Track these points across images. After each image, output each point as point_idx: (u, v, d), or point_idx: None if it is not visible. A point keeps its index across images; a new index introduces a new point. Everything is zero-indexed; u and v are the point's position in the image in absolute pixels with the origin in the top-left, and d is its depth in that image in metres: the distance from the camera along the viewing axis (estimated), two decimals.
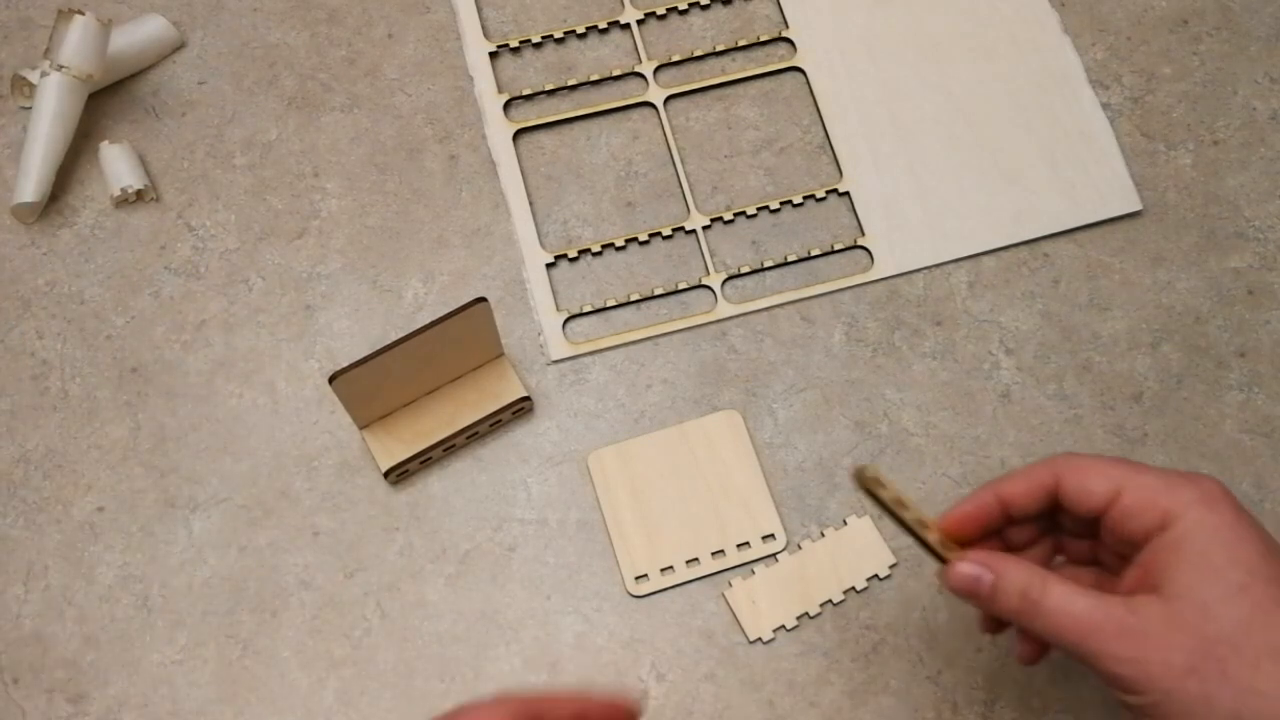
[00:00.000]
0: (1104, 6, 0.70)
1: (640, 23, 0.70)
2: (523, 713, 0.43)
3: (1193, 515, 0.42)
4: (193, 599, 0.58)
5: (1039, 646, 0.48)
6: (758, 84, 0.69)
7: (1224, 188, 0.66)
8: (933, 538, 0.47)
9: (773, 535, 0.59)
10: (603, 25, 0.70)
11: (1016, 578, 0.44)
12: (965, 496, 0.47)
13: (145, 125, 0.67)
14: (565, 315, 0.63)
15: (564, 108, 0.68)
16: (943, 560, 0.47)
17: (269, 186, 0.66)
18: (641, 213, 0.66)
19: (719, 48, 0.69)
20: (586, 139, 0.67)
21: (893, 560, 0.58)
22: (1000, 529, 0.48)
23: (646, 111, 0.68)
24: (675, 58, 0.69)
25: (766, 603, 0.58)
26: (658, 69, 0.69)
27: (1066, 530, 0.48)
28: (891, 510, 0.47)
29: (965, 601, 0.46)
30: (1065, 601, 0.43)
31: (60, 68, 0.63)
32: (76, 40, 0.63)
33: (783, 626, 0.57)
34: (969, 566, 0.45)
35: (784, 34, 0.69)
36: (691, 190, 0.66)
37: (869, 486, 0.46)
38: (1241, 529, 0.42)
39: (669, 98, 0.68)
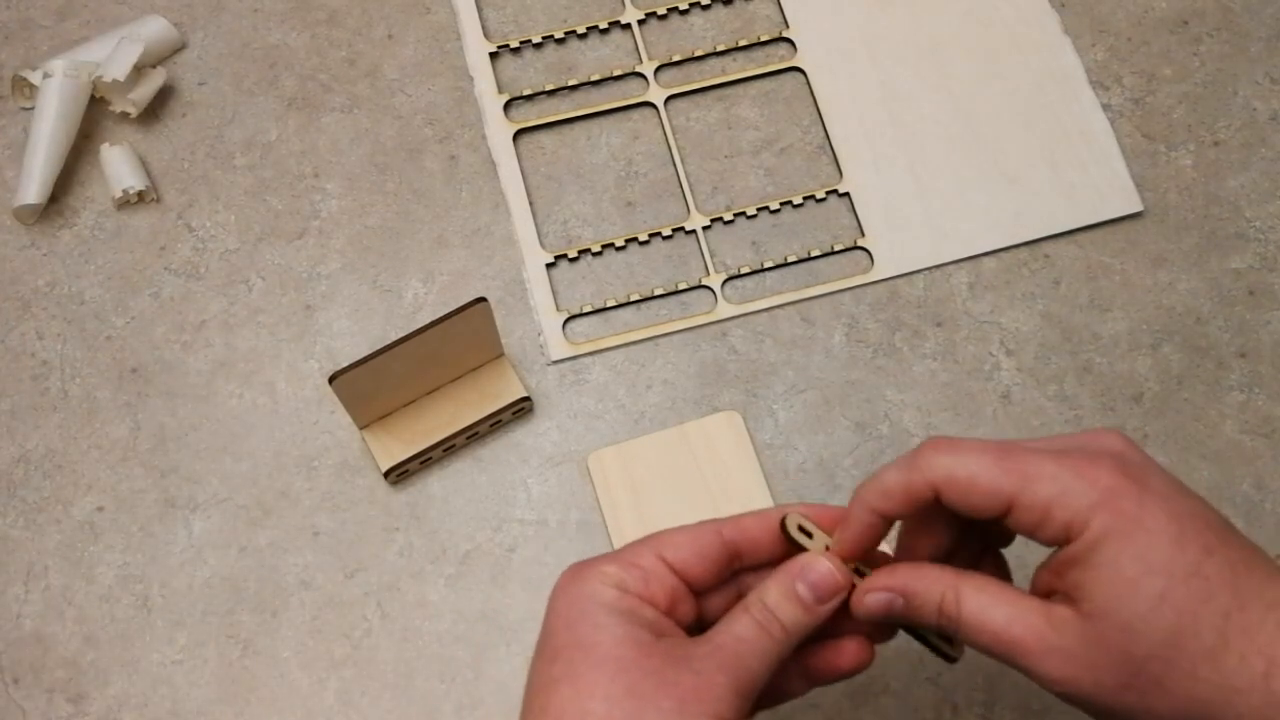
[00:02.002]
0: (1104, 7, 0.70)
1: (641, 23, 0.70)
2: (718, 543, 0.43)
3: (1097, 523, 0.38)
4: (193, 599, 0.58)
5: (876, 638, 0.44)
6: (758, 84, 0.69)
7: (1225, 188, 0.66)
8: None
9: None
10: (603, 25, 0.70)
11: (927, 593, 0.41)
12: (846, 519, 0.43)
13: (146, 126, 0.67)
14: (565, 315, 0.63)
15: (564, 108, 0.68)
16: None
17: (269, 187, 0.66)
18: (641, 213, 0.66)
19: (719, 48, 0.69)
20: (586, 139, 0.67)
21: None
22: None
23: (647, 111, 0.68)
24: (676, 58, 0.69)
25: None
26: (658, 69, 0.69)
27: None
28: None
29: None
30: (982, 613, 0.40)
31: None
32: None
33: None
34: (874, 597, 0.42)
35: (784, 34, 0.70)
36: (691, 190, 0.66)
37: (794, 539, 0.43)
38: (1150, 520, 0.38)
39: (669, 98, 0.68)
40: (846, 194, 0.66)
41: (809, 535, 0.43)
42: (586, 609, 0.41)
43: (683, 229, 0.65)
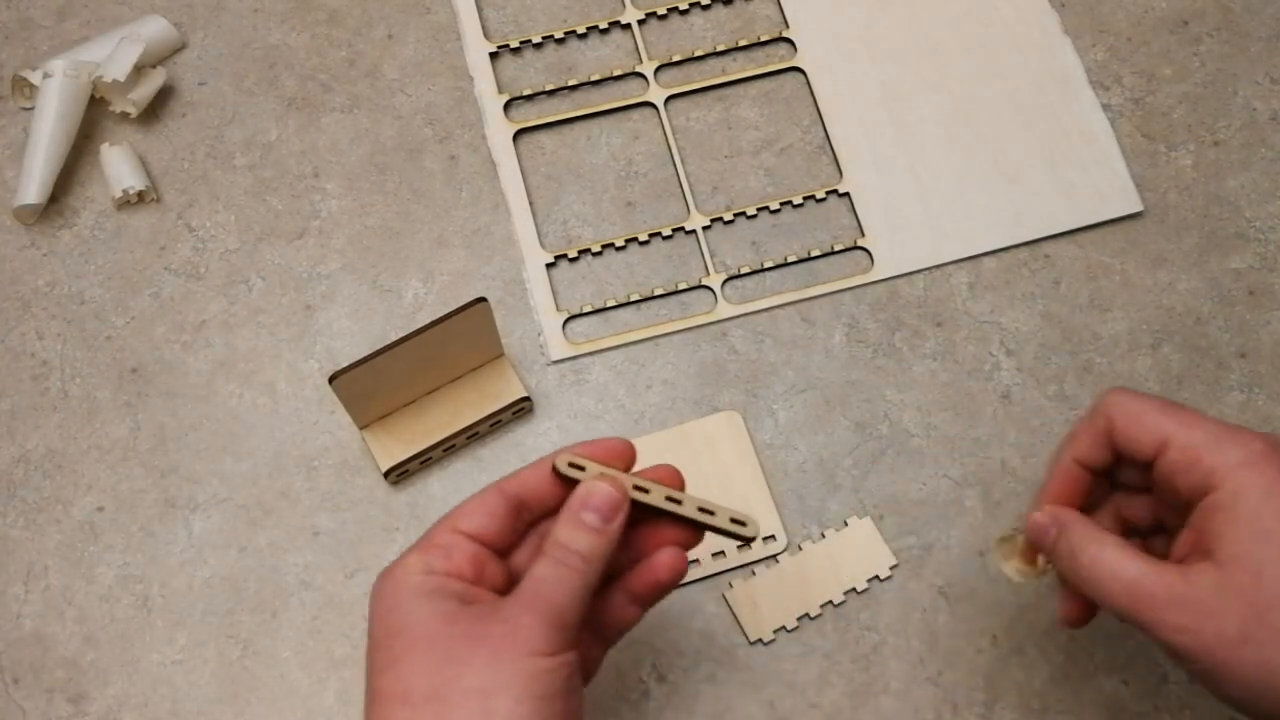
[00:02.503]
0: (1104, 7, 0.70)
1: (641, 23, 0.70)
2: (502, 499, 0.46)
3: (1239, 476, 0.41)
4: (193, 599, 0.58)
5: (1085, 609, 0.47)
6: (758, 84, 0.69)
7: (1225, 188, 0.66)
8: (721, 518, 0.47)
9: (773, 536, 0.59)
10: (603, 25, 0.70)
11: (1076, 535, 0.44)
12: (1049, 472, 0.47)
13: (146, 126, 0.67)
14: (565, 315, 0.63)
15: (564, 108, 0.68)
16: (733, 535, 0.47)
17: (269, 187, 0.66)
18: (641, 213, 0.66)
19: (719, 48, 0.69)
20: (586, 139, 0.67)
21: (893, 561, 0.58)
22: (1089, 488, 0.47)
23: (647, 111, 0.68)
24: (676, 58, 0.69)
25: (767, 604, 0.57)
26: (658, 69, 0.69)
27: (1125, 485, 0.48)
28: (654, 506, 0.47)
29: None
30: (1117, 566, 0.42)
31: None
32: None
33: (783, 628, 0.57)
34: (1040, 516, 0.46)
35: (784, 34, 0.70)
36: (691, 190, 0.66)
37: (568, 477, 0.46)
38: None
39: (669, 98, 0.68)
40: (846, 194, 0.66)
41: (581, 470, 0.46)
42: (395, 599, 0.43)
43: (683, 229, 0.65)
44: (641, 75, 0.69)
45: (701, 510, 0.47)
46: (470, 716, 0.40)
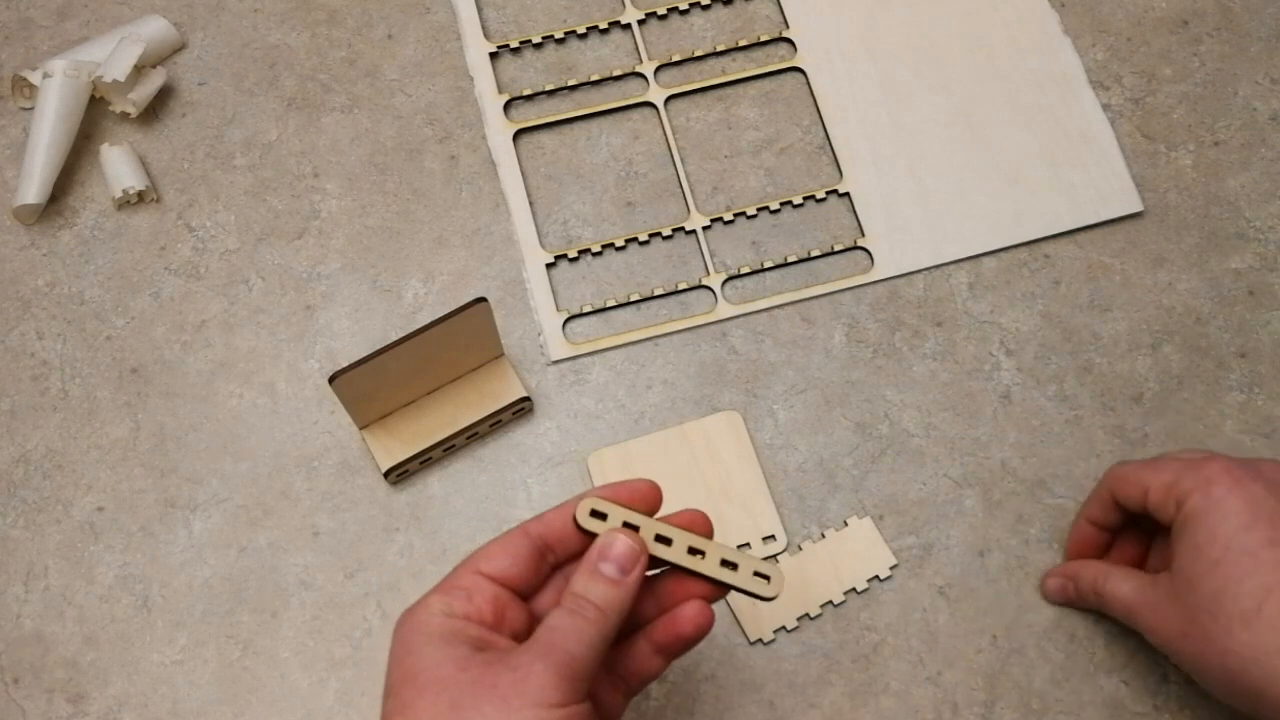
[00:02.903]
0: (1104, 7, 0.70)
1: (641, 23, 0.70)
2: (526, 542, 0.46)
3: (1192, 501, 0.50)
4: (193, 599, 0.58)
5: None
6: (758, 84, 0.69)
7: (1225, 188, 0.66)
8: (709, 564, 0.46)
9: (773, 536, 0.59)
10: (603, 25, 0.70)
11: (1086, 577, 0.55)
12: (1070, 535, 0.58)
13: (146, 126, 0.67)
14: (565, 315, 0.63)
15: (564, 108, 0.68)
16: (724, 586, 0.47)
17: (269, 187, 0.66)
18: (641, 213, 0.66)
19: (719, 48, 0.69)
20: (586, 139, 0.67)
21: (893, 561, 0.58)
22: (1109, 542, 0.57)
23: (647, 111, 0.68)
24: (676, 58, 0.69)
25: (767, 604, 0.57)
26: (658, 69, 0.69)
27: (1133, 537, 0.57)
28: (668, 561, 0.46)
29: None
30: (1117, 588, 0.53)
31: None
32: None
33: (783, 627, 0.57)
34: (1055, 580, 0.57)
35: (784, 34, 0.69)
36: (691, 190, 0.66)
37: (587, 530, 0.46)
38: (1229, 505, 0.49)
39: (669, 98, 0.68)
40: (846, 194, 0.66)
41: (603, 517, 0.46)
42: (412, 642, 0.43)
43: (683, 229, 0.65)
44: (641, 75, 0.69)
45: (724, 564, 0.46)
46: None
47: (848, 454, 0.61)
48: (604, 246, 0.65)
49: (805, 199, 0.66)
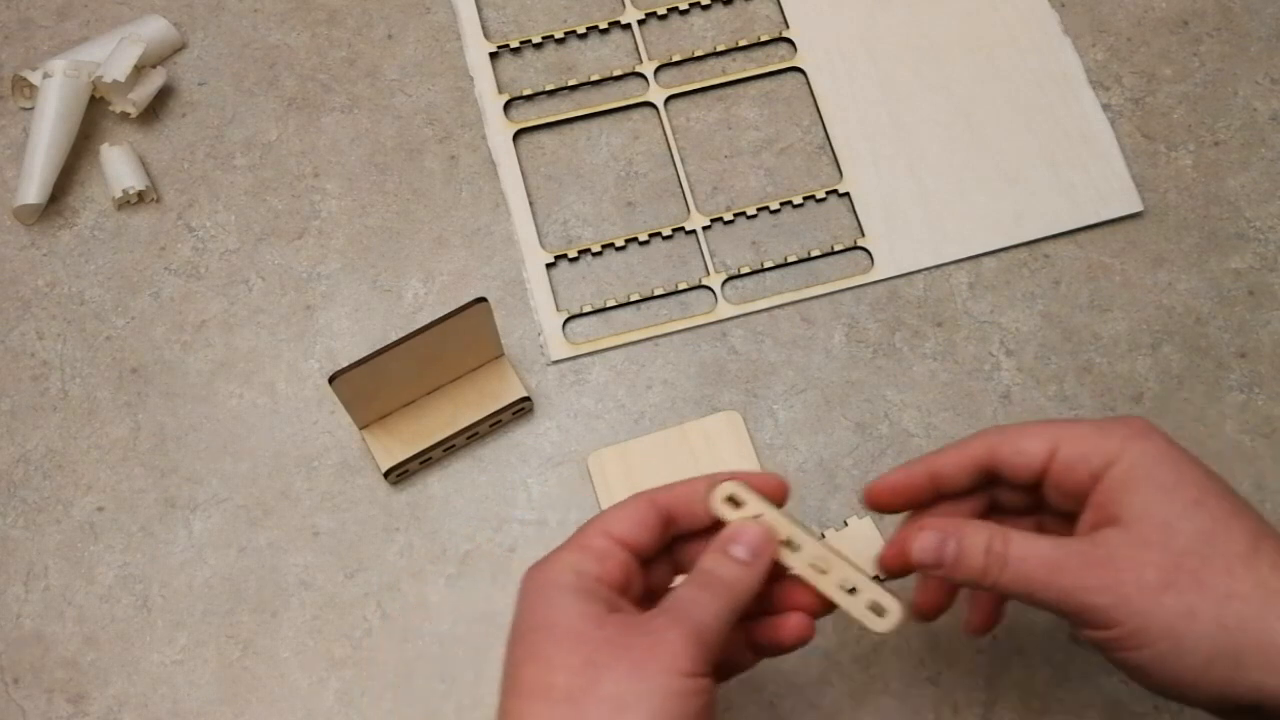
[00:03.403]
0: (1104, 7, 0.70)
1: (641, 23, 0.70)
2: (654, 510, 0.45)
3: (1133, 448, 0.43)
4: (193, 599, 0.58)
5: (991, 613, 0.49)
6: (758, 84, 0.69)
7: (1225, 189, 0.66)
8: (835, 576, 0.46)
9: None
10: (603, 25, 0.70)
11: (978, 536, 0.44)
12: (888, 480, 0.48)
13: (146, 126, 0.67)
14: (565, 315, 0.63)
15: (564, 108, 0.68)
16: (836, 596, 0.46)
17: (269, 187, 0.66)
18: (641, 213, 0.66)
19: (719, 48, 0.69)
20: (586, 139, 0.67)
21: None
22: (930, 503, 0.48)
23: (647, 111, 0.68)
24: (676, 58, 0.69)
25: None
26: (658, 69, 0.69)
27: (1006, 509, 0.48)
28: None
29: (926, 573, 0.46)
30: (1029, 547, 0.43)
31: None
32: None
33: None
34: (930, 534, 0.45)
35: (784, 34, 0.70)
36: (691, 190, 0.66)
37: (722, 516, 0.46)
38: (1178, 454, 0.43)
39: (669, 98, 0.68)
40: (846, 194, 0.66)
41: (739, 504, 0.46)
42: (546, 594, 0.43)
43: (683, 229, 0.65)
44: (641, 75, 0.69)
45: (843, 590, 0.46)
46: None
47: (848, 454, 0.61)
48: (604, 246, 0.65)
49: (805, 199, 0.66)
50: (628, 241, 0.65)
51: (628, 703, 0.40)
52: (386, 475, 0.59)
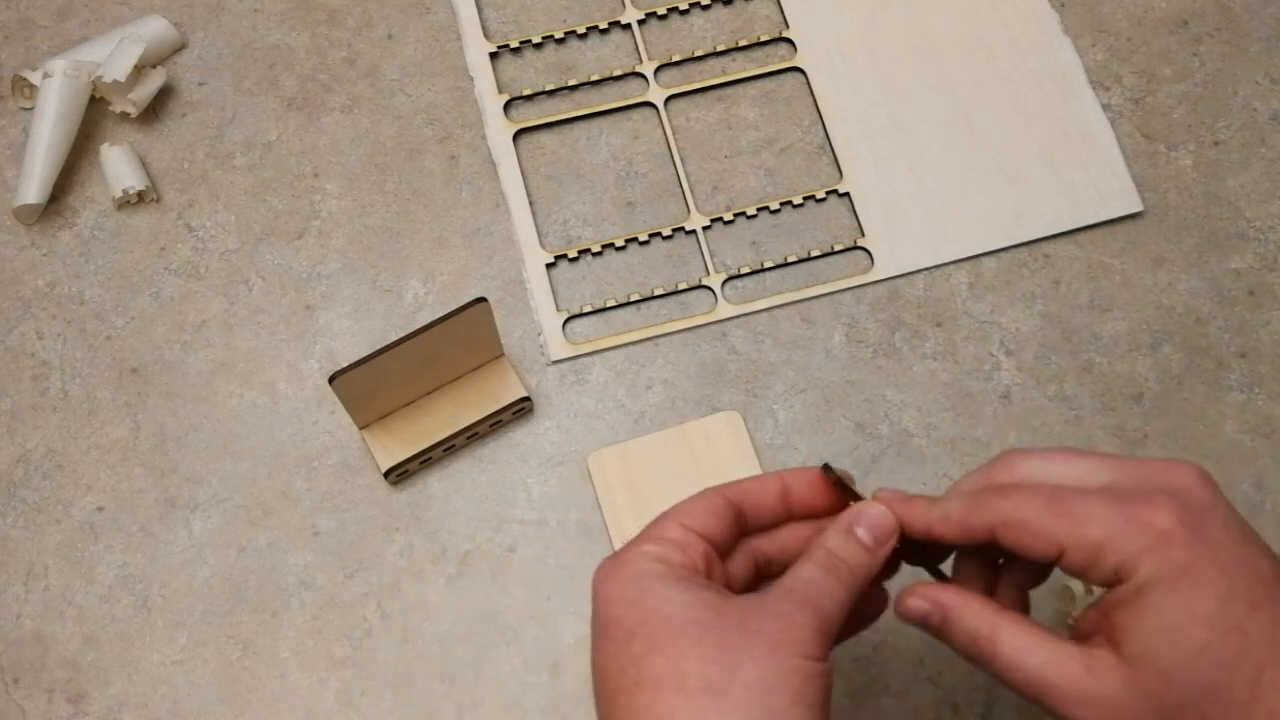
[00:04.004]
0: (1104, 7, 0.70)
1: (641, 23, 0.70)
2: (726, 503, 0.45)
3: (1146, 568, 0.39)
4: (193, 599, 0.58)
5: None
6: (758, 84, 0.69)
7: (1225, 189, 0.66)
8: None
9: None
10: (603, 25, 0.70)
11: (965, 622, 0.42)
12: (905, 495, 0.45)
13: (146, 126, 0.67)
14: (565, 315, 0.63)
15: (564, 108, 0.68)
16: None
17: (269, 187, 0.66)
18: (641, 213, 0.66)
19: (719, 48, 0.69)
20: (586, 139, 0.67)
21: None
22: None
23: (647, 111, 0.68)
24: (676, 58, 0.69)
25: None
26: (658, 69, 0.69)
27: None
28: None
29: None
30: (1018, 653, 0.41)
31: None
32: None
33: None
34: (917, 602, 0.43)
35: (784, 34, 0.70)
36: (691, 190, 0.66)
37: (838, 487, 0.46)
38: (1200, 570, 0.39)
39: (669, 98, 0.68)
40: (846, 194, 0.66)
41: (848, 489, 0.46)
42: (644, 586, 0.42)
43: (683, 229, 0.65)
44: (641, 75, 0.69)
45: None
46: (750, 713, 0.39)
47: (848, 454, 0.61)
48: (604, 246, 0.65)
49: (805, 199, 0.66)
50: (628, 241, 0.65)
51: (771, 686, 0.39)
52: (386, 475, 0.59)
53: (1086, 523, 0.40)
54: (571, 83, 0.68)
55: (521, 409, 0.61)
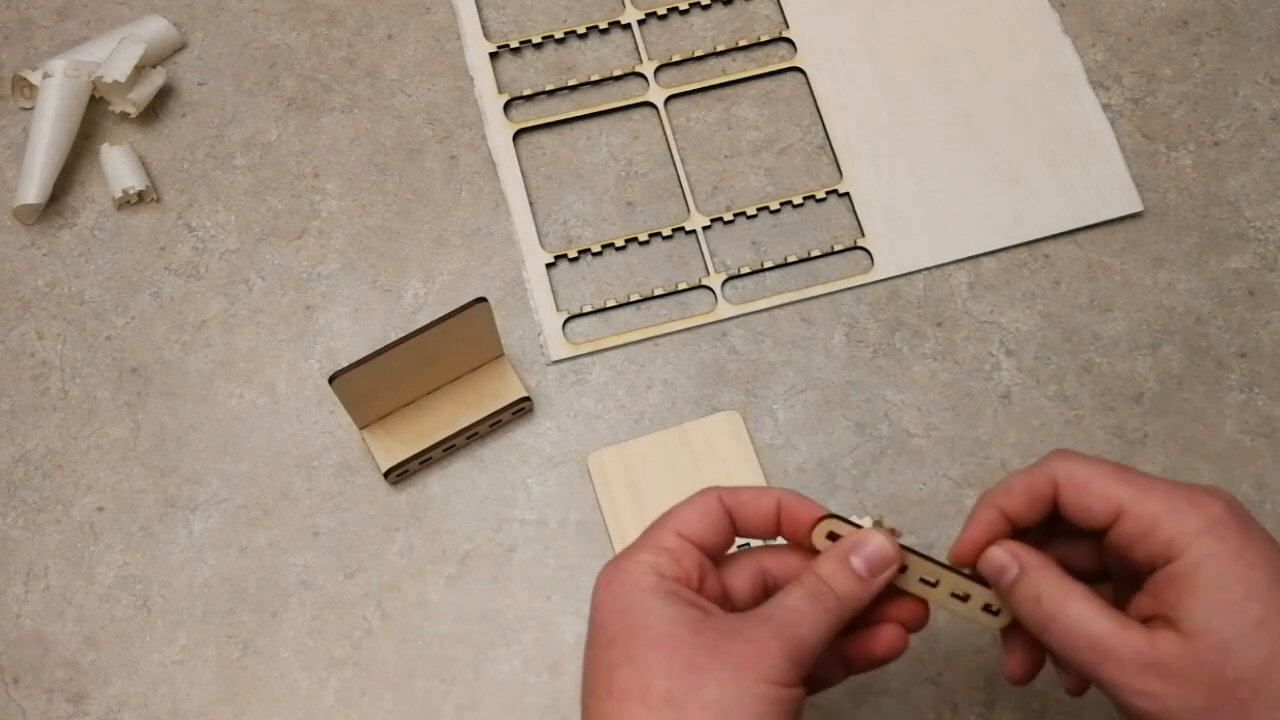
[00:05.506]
0: (1104, 7, 0.70)
1: (641, 23, 0.70)
2: (721, 509, 0.45)
3: (1201, 546, 0.41)
4: (193, 599, 0.58)
5: (1033, 663, 0.46)
6: (758, 84, 0.69)
7: (1225, 188, 0.66)
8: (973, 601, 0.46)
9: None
10: (603, 25, 0.70)
11: (1039, 582, 0.43)
12: (969, 518, 0.46)
13: (146, 126, 0.67)
14: (565, 315, 0.63)
15: (564, 108, 0.68)
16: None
17: (269, 187, 0.66)
18: (641, 213, 0.66)
19: (719, 48, 0.69)
20: (586, 139, 0.67)
21: None
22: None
23: (647, 111, 0.68)
24: (676, 58, 0.69)
25: None
26: (658, 69, 0.69)
27: (1068, 533, 0.46)
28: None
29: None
30: (1084, 620, 0.42)
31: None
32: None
33: None
34: (1000, 553, 0.44)
35: (784, 34, 0.70)
36: (691, 190, 0.66)
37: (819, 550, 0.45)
38: (1252, 555, 0.41)
39: (669, 98, 0.68)
40: (846, 194, 0.66)
41: (837, 539, 0.45)
42: (633, 596, 0.43)
43: (683, 229, 0.65)
44: (641, 75, 0.69)
45: (954, 596, 0.45)
46: None
47: (848, 454, 0.61)
48: (604, 246, 0.65)
49: (805, 199, 0.66)
50: (628, 241, 0.65)
51: (729, 708, 0.40)
52: (386, 475, 0.59)
53: (1149, 492, 0.42)
54: (571, 83, 0.68)
55: (521, 409, 0.61)
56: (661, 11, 0.70)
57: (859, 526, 0.45)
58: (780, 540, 0.47)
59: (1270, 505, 0.59)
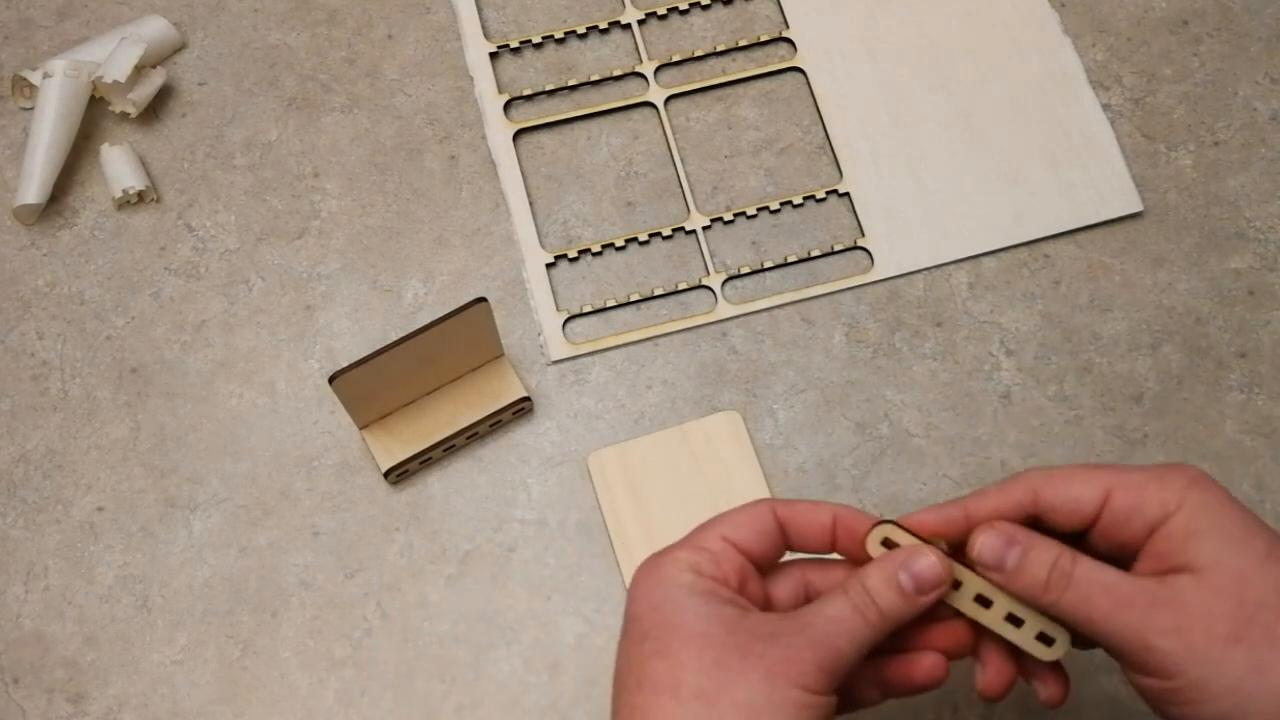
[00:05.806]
0: (1104, 7, 0.70)
1: (641, 23, 0.70)
2: (773, 520, 0.45)
3: (1194, 496, 0.42)
4: (193, 599, 0.58)
5: (1009, 675, 0.45)
6: (758, 84, 0.69)
7: (1225, 188, 0.66)
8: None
9: None
10: (603, 25, 0.70)
11: (1047, 550, 0.42)
12: (928, 508, 0.45)
13: (146, 126, 0.67)
14: (565, 315, 0.63)
15: (564, 108, 0.68)
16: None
17: (269, 187, 0.66)
18: (641, 213, 0.66)
19: (719, 48, 0.69)
20: (586, 139, 0.67)
21: None
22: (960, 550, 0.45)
23: (647, 111, 0.68)
24: (676, 58, 0.69)
25: None
26: (658, 69, 0.69)
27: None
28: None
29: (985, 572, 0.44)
30: (1097, 573, 0.41)
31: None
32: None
33: None
34: (995, 534, 0.43)
35: (784, 34, 0.70)
36: (691, 190, 0.66)
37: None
38: (1239, 506, 0.42)
39: (669, 98, 0.68)
40: (846, 194, 0.66)
41: (893, 547, 0.44)
42: (669, 593, 0.43)
43: (683, 229, 0.65)
44: (641, 75, 0.69)
45: (1009, 619, 0.44)
46: None
47: (848, 454, 0.61)
48: (604, 246, 0.65)
49: (805, 199, 0.66)
50: (628, 241, 0.65)
51: (759, 708, 0.40)
52: (386, 475, 0.59)
53: (1128, 472, 0.43)
54: (571, 83, 0.68)
55: (521, 409, 0.61)
56: (661, 11, 0.70)
57: (918, 536, 0.44)
58: (834, 555, 0.46)
59: (1270, 505, 0.59)
